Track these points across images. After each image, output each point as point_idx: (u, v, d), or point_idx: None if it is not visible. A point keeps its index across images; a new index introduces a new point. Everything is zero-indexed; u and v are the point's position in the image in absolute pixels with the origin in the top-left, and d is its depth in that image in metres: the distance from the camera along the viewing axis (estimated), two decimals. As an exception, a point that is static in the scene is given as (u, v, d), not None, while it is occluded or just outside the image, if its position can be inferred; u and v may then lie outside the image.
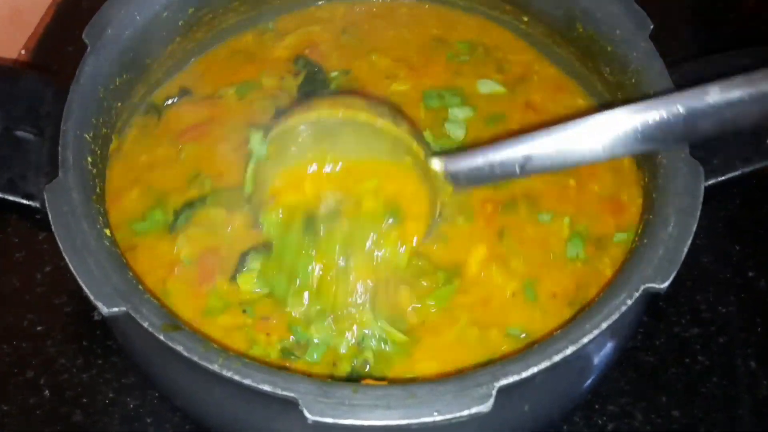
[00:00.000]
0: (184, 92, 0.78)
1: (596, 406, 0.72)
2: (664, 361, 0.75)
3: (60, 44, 0.96)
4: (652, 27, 0.70)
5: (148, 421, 0.72)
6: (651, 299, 0.72)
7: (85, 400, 0.73)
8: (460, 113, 0.75)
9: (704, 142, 0.69)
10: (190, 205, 0.68)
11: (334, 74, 0.79)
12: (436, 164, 0.63)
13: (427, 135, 0.73)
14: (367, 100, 0.69)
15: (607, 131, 0.55)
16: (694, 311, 0.78)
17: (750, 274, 0.80)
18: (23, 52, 0.98)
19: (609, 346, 0.64)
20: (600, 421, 0.71)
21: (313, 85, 0.78)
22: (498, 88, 0.77)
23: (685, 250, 0.57)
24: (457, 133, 0.74)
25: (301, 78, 0.79)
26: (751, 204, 0.85)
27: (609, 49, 0.72)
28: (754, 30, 0.99)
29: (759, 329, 0.77)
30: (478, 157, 0.60)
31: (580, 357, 0.58)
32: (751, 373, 0.74)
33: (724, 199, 0.85)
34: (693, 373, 0.74)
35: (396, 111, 0.70)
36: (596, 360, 0.63)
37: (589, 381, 0.65)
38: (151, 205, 0.69)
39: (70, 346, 0.76)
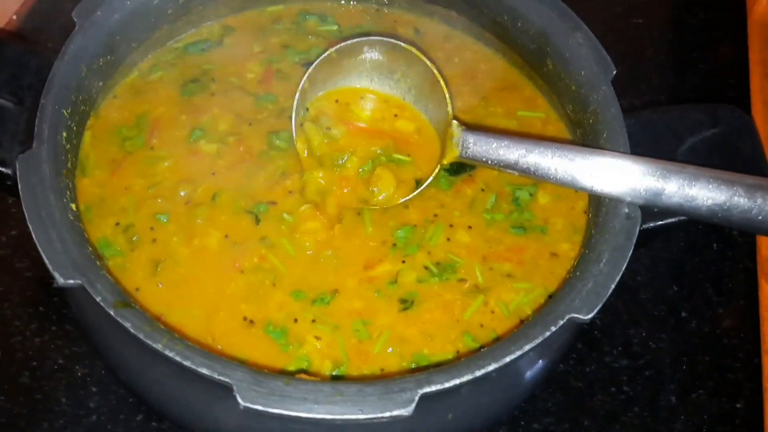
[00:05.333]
0: None
1: (522, 422, 0.76)
2: (592, 387, 0.79)
3: (50, 15, 0.98)
4: (614, 72, 0.73)
5: (94, 390, 0.74)
6: (581, 328, 0.76)
7: (34, 363, 0.75)
8: None
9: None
10: None
11: None
12: (456, 127, 0.71)
13: None
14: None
15: (609, 172, 0.65)
16: (626, 344, 0.82)
17: (683, 314, 0.85)
18: (14, 17, 1.00)
19: (539, 367, 0.68)
20: (522, 438, 0.75)
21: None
22: None
23: (612, 286, 0.61)
24: None
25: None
26: (694, 249, 0.89)
27: (573, 88, 0.76)
28: (721, 84, 1.03)
29: (684, 367, 0.81)
30: (491, 138, 0.70)
31: (506, 375, 0.62)
32: (670, 408, 0.78)
33: (669, 242, 0.89)
34: (617, 401, 0.78)
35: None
36: (524, 378, 0.67)
37: (515, 400, 0.69)
38: None
39: (26, 309, 0.78)
